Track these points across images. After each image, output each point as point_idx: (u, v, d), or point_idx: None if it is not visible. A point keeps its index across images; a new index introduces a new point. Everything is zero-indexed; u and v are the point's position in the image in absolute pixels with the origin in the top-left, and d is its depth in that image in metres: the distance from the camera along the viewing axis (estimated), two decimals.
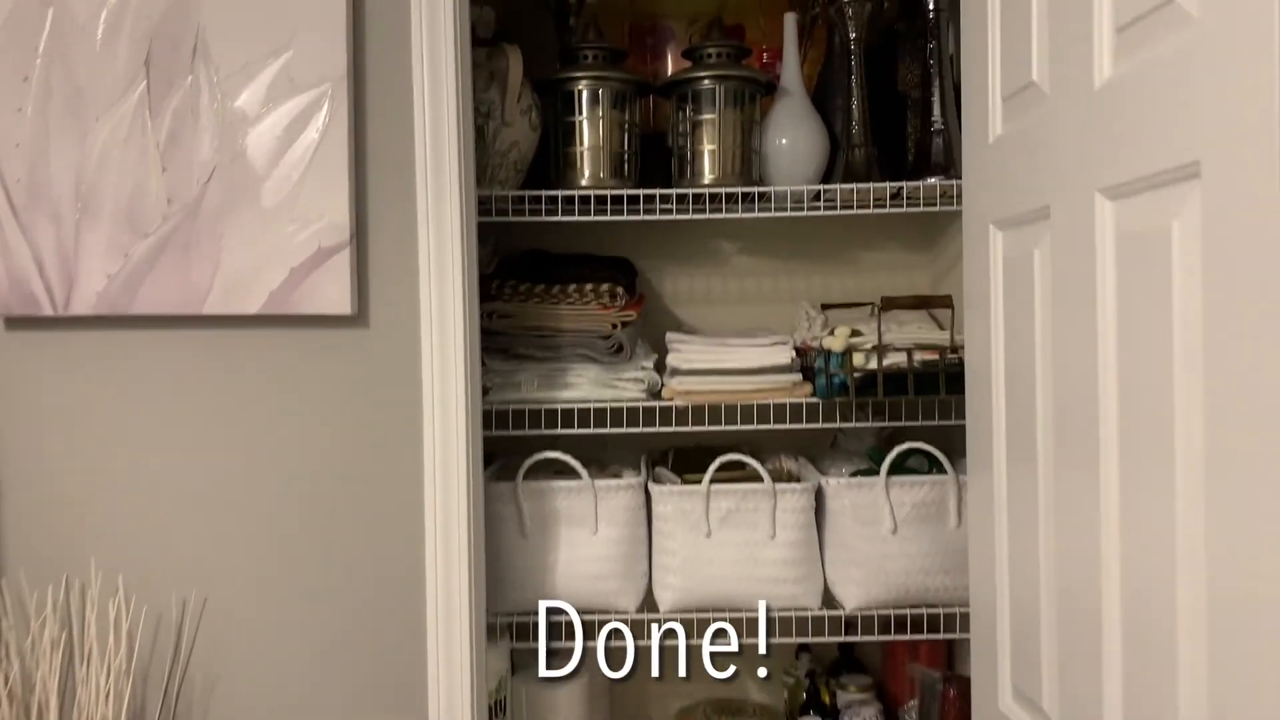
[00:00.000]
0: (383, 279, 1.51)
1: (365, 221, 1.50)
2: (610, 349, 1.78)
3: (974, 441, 1.52)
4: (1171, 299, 0.94)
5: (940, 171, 1.77)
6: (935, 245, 2.12)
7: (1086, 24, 1.08)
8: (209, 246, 1.47)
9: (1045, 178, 1.21)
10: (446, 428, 1.50)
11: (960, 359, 1.69)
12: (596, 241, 2.13)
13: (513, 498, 1.74)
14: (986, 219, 1.41)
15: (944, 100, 1.80)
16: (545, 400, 1.78)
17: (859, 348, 1.71)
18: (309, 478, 1.51)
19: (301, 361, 1.50)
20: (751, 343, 1.78)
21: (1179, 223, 0.93)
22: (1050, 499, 1.23)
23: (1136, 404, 1.01)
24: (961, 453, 1.81)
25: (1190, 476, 0.91)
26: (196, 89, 1.46)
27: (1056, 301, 1.19)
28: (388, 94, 1.50)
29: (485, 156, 1.74)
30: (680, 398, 1.77)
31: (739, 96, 1.79)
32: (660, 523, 1.76)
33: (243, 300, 1.47)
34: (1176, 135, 0.92)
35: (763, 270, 2.18)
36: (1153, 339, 0.97)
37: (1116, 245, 1.05)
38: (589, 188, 1.78)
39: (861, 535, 1.72)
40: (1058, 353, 1.19)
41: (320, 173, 1.46)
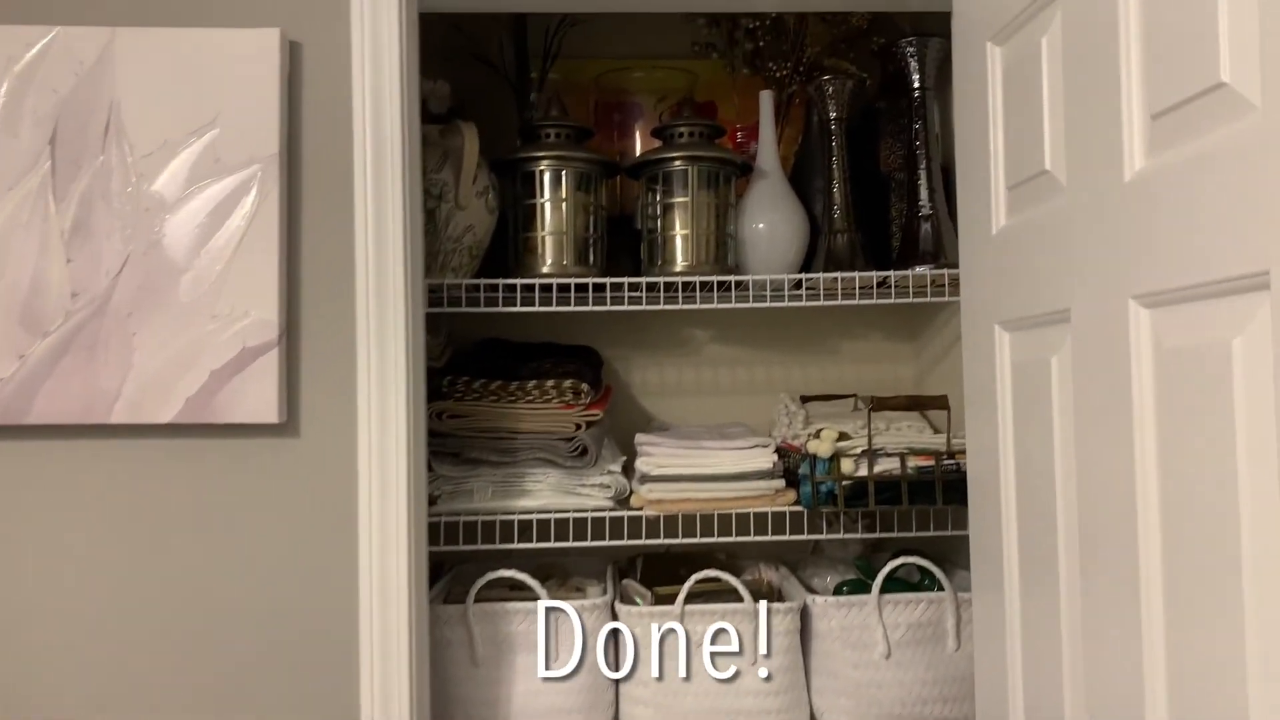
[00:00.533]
0: (316, 382, 1.34)
1: (297, 318, 1.34)
2: (573, 452, 1.61)
3: (980, 558, 1.36)
4: (1234, 424, 0.80)
5: (929, 259, 1.64)
6: (921, 335, 1.99)
7: (1113, 109, 0.96)
8: (118, 347, 1.29)
9: (1064, 278, 1.07)
10: (385, 548, 1.33)
11: (958, 465, 1.54)
12: (560, 328, 1.98)
13: (462, 621, 1.56)
14: (991, 319, 1.27)
15: (931, 183, 1.68)
16: (500, 510, 1.60)
17: (847, 453, 1.55)
18: (229, 606, 1.32)
19: (221, 476, 1.32)
20: (729, 445, 1.62)
21: (1243, 340, 0.79)
22: (1077, 624, 1.08)
23: (1188, 530, 0.87)
24: (955, 564, 1.66)
25: (1265, 607, 0.77)
26: (108, 171, 1.30)
27: (1081, 413, 1.05)
28: (326, 175, 1.35)
29: (437, 242, 1.59)
30: (651, 507, 1.60)
31: (712, 178, 1.66)
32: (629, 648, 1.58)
33: (156, 408, 1.29)
34: (1238, 239, 0.78)
35: (738, 359, 2.03)
36: (1208, 462, 0.83)
37: (1157, 360, 0.91)
38: (550, 275, 1.63)
39: (851, 660, 1.55)
40: (1084, 468, 1.05)
41: (247, 264, 1.30)
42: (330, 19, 1.35)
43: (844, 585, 1.68)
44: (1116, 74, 0.95)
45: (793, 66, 1.79)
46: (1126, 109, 0.94)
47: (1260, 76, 0.77)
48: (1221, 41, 0.81)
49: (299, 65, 1.35)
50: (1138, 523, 0.94)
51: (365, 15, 1.34)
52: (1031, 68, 1.14)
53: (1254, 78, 0.78)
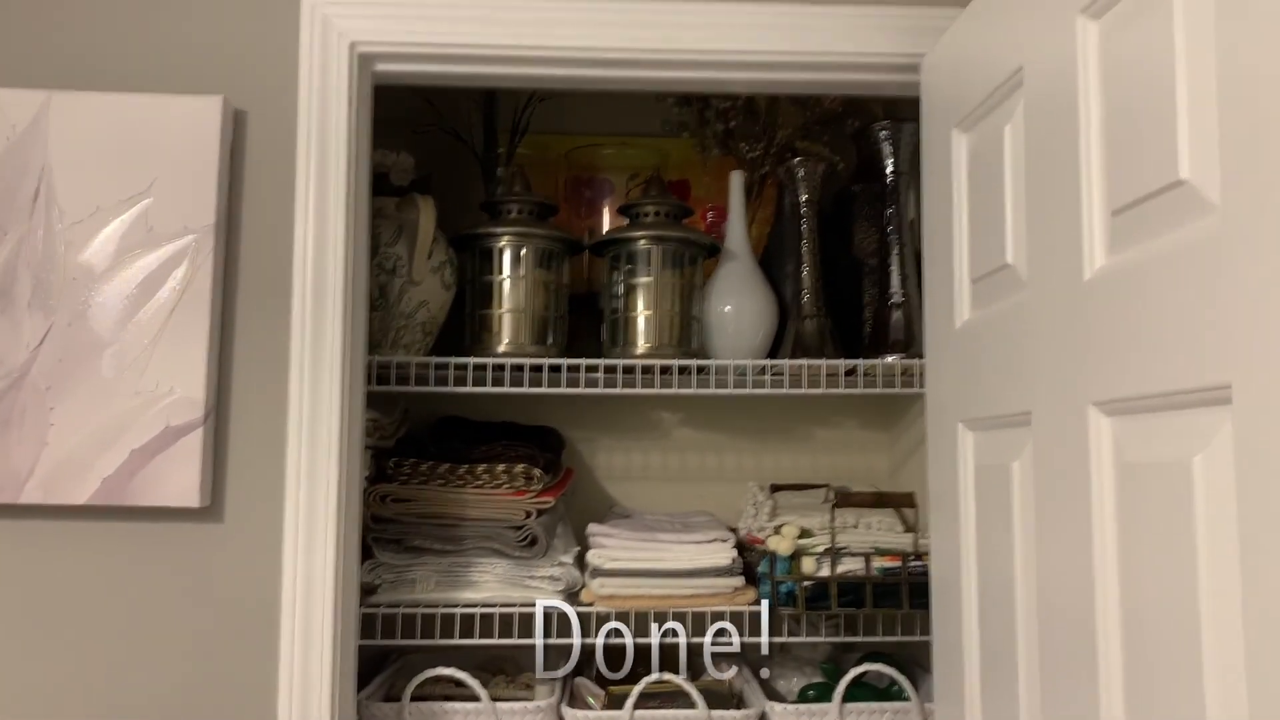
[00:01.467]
0: (243, 464, 1.27)
1: (226, 396, 1.27)
2: (522, 541, 1.53)
3: (941, 663, 1.28)
4: (1195, 542, 0.73)
5: (900, 348, 1.58)
6: (896, 424, 1.92)
7: (1074, 202, 0.90)
8: (34, 422, 1.23)
9: (1024, 378, 1.01)
10: (309, 643, 1.24)
11: (925, 566, 1.46)
12: (523, 408, 1.91)
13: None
14: (955, 417, 1.21)
15: (904, 270, 1.62)
16: (443, 602, 1.51)
17: (809, 551, 1.47)
18: (140, 695, 1.23)
19: (138, 562, 1.25)
20: (686, 539, 1.54)
21: (1203, 459, 0.72)
22: None
23: (1148, 644, 0.80)
24: (926, 669, 1.56)
25: None
26: (34, 238, 1.24)
27: (1042, 520, 0.98)
28: (265, 247, 1.30)
29: (389, 317, 1.53)
30: (601, 603, 1.51)
31: (678, 258, 1.61)
32: None
33: (70, 488, 1.22)
34: (1198, 349, 0.72)
35: (706, 445, 1.96)
36: (1169, 579, 0.76)
37: (1118, 472, 0.85)
38: (506, 355, 1.56)
39: None
40: (1044, 573, 0.98)
41: (175, 338, 1.24)
42: (278, 87, 1.31)
43: (810, 689, 1.58)
44: (1077, 166, 0.90)
45: (765, 148, 1.75)
46: (1087, 203, 0.89)
47: (1220, 174, 0.71)
48: (1180, 136, 0.76)
49: (242, 133, 1.30)
50: (1097, 635, 0.87)
51: (314, 85, 1.31)
52: (994, 157, 1.10)
53: (1213, 175, 0.72)
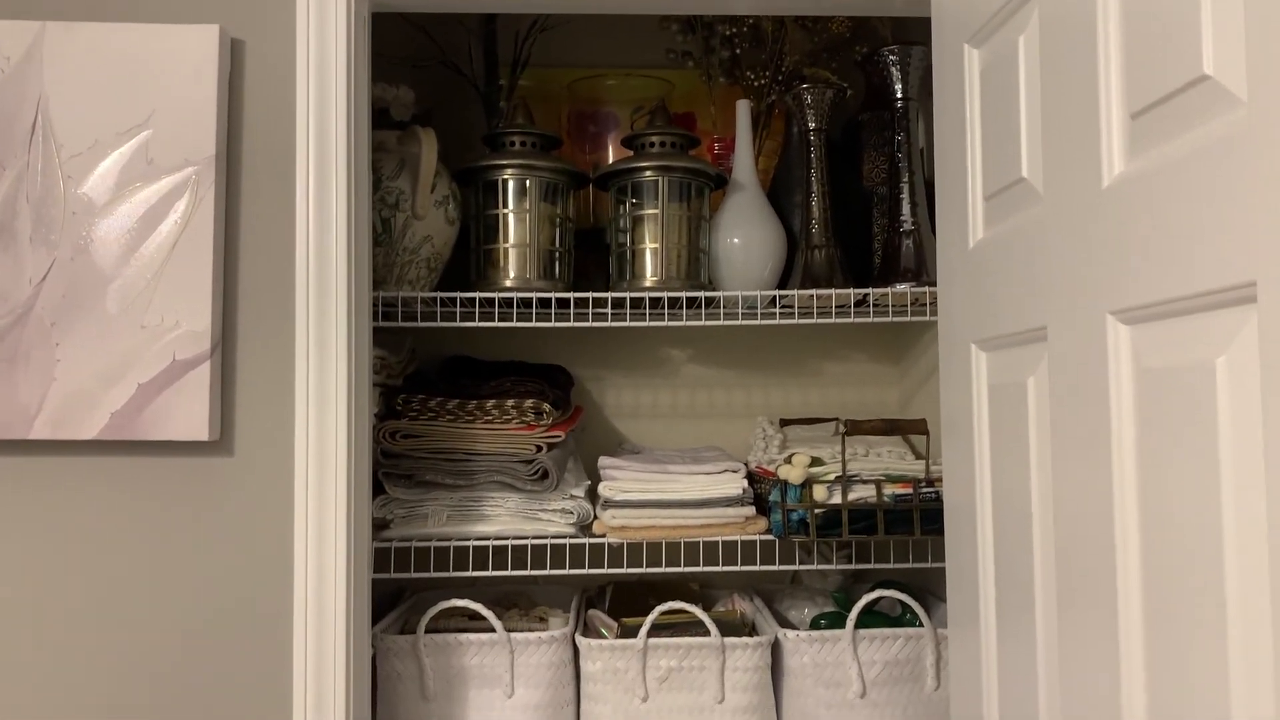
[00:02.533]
0: (251, 398, 1.26)
1: (233, 330, 1.26)
2: (533, 475, 1.53)
3: (955, 590, 1.28)
4: (1218, 450, 0.72)
5: (910, 277, 1.56)
6: (906, 356, 1.91)
7: (1091, 108, 0.88)
8: (40, 358, 1.22)
9: (1040, 293, 0.99)
10: (322, 575, 1.25)
11: (937, 493, 1.46)
12: (531, 347, 1.91)
13: (413, 653, 1.47)
14: (967, 338, 1.19)
15: (914, 198, 1.60)
16: (456, 536, 1.52)
17: (820, 479, 1.47)
18: (155, 631, 1.24)
19: (149, 497, 1.25)
20: (697, 470, 1.54)
21: (1226, 360, 0.71)
22: (1053, 660, 1.00)
23: (1169, 561, 0.78)
24: (939, 597, 1.57)
25: (1249, 645, 0.69)
26: (34, 172, 1.23)
27: (1058, 437, 0.97)
28: (267, 180, 1.28)
29: (393, 253, 1.51)
30: (613, 534, 1.52)
31: (685, 190, 1.59)
32: (589, 684, 1.49)
33: (79, 423, 1.22)
34: (1221, 248, 0.70)
35: (715, 381, 1.95)
36: (1190, 491, 0.75)
37: (1136, 381, 0.83)
38: (513, 289, 1.55)
39: (824, 700, 1.46)
40: (1061, 494, 0.96)
41: (179, 271, 1.23)
42: (275, 16, 1.29)
43: (821, 619, 1.59)
44: (1095, 70, 0.88)
45: (771, 75, 1.72)
46: (1105, 108, 0.86)
47: (1246, 68, 0.69)
48: (1204, 30, 0.73)
49: (240, 64, 1.28)
50: (1116, 553, 0.85)
51: (311, 12, 1.28)
52: (1009, 70, 1.07)
53: (1239, 69, 0.70)
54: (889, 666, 1.47)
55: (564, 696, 1.50)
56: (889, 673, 1.47)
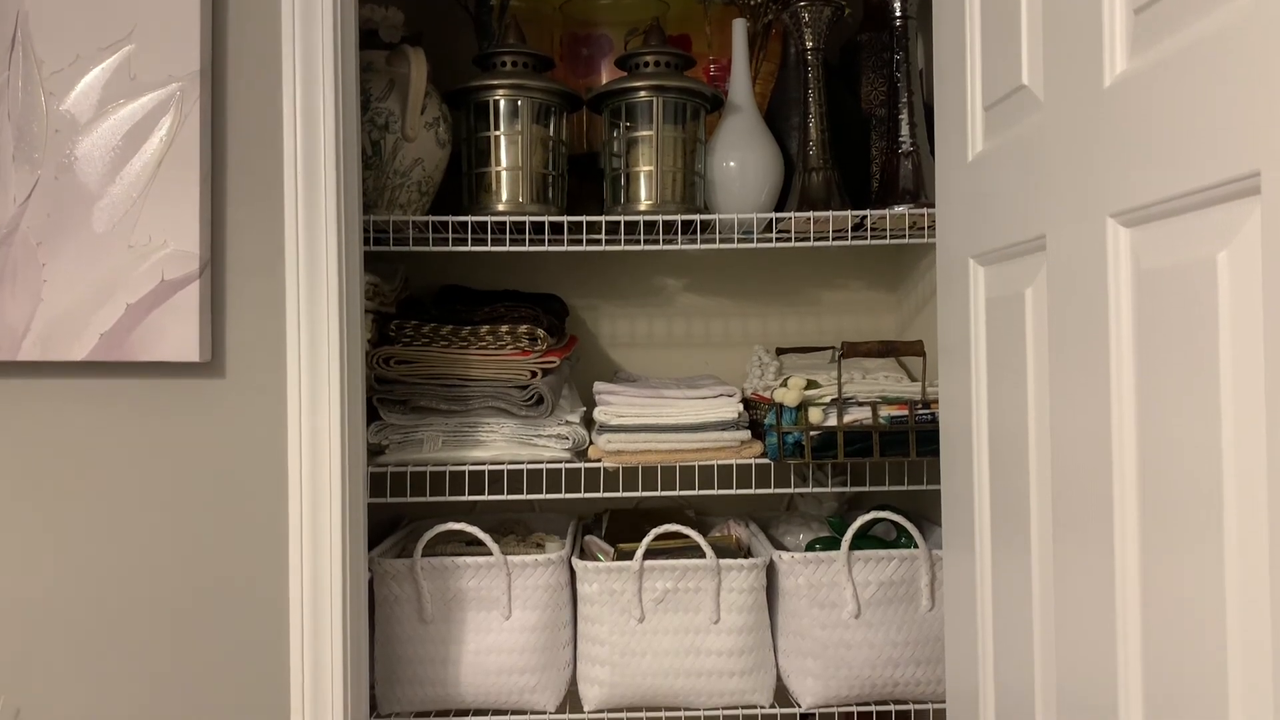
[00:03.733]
0: (242, 319, 1.25)
1: (221, 250, 1.25)
2: (528, 401, 1.52)
3: (951, 512, 1.28)
4: (1218, 352, 0.71)
5: (909, 198, 1.55)
6: (903, 283, 1.89)
7: (1093, 8, 0.86)
8: (27, 279, 1.21)
9: (1039, 202, 0.98)
10: (317, 496, 1.24)
11: (933, 415, 1.46)
12: (524, 275, 1.89)
13: (410, 577, 1.48)
14: (965, 253, 1.18)
15: (913, 119, 1.58)
16: (451, 461, 1.52)
17: (815, 401, 1.47)
18: (148, 558, 1.24)
19: (141, 417, 1.24)
20: (692, 395, 1.53)
21: (1228, 254, 0.70)
22: (1048, 580, 1.00)
23: (1166, 471, 0.78)
24: (934, 519, 1.58)
25: (1246, 556, 0.68)
26: (14, 88, 1.20)
27: (1055, 350, 0.96)
28: (253, 97, 1.25)
29: (383, 176, 1.49)
30: (608, 459, 1.51)
31: (680, 111, 1.56)
32: (586, 605, 1.50)
33: (68, 345, 1.21)
34: (1224, 139, 0.69)
35: (711, 310, 1.94)
36: (1189, 396, 0.74)
37: (1136, 283, 0.82)
38: (506, 214, 1.53)
39: (819, 620, 1.47)
40: (1058, 409, 0.96)
41: (166, 190, 1.21)
42: None
43: (816, 543, 1.59)
44: None
45: None
46: (1108, 5, 0.84)
47: None
48: None
49: None
50: (1113, 467, 0.85)
51: None
52: None
53: None
54: (883, 587, 1.48)
55: (561, 618, 1.51)
56: (883, 593, 1.48)
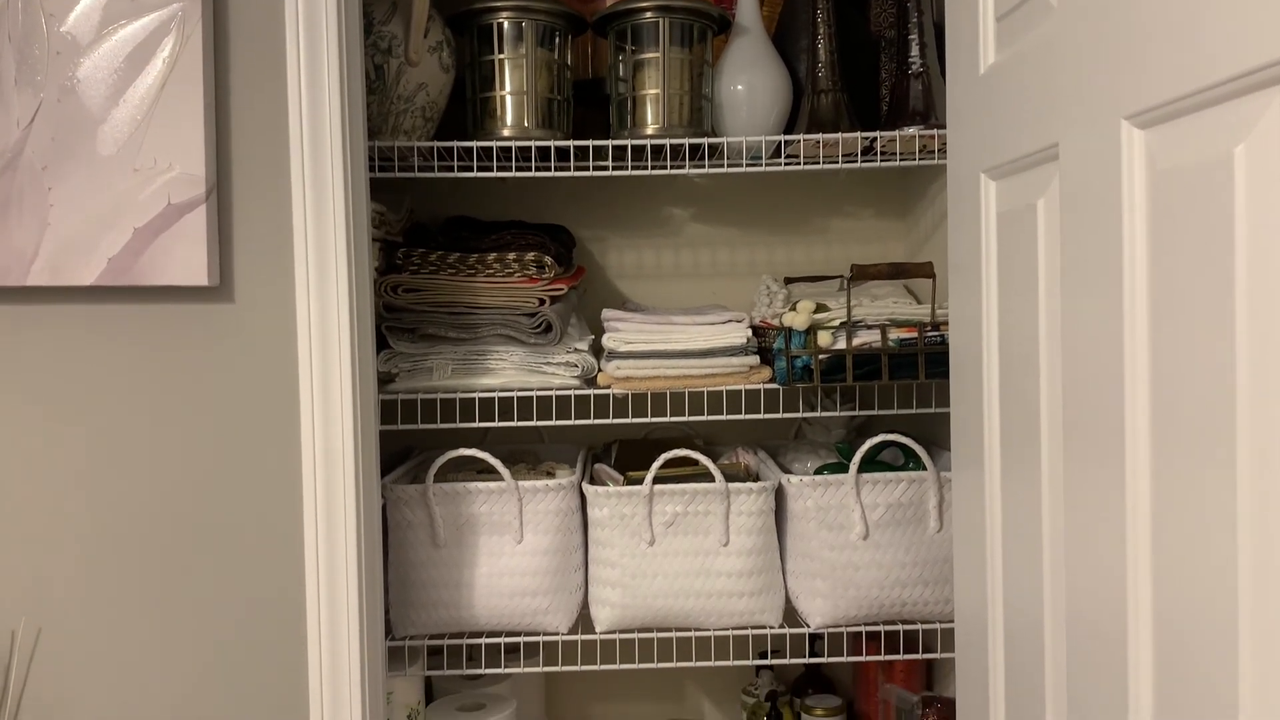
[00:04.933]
0: (251, 243, 1.25)
1: (228, 174, 1.24)
2: (536, 328, 1.52)
3: (960, 432, 1.28)
4: (1234, 250, 0.70)
5: (919, 119, 1.53)
6: (912, 211, 1.88)
7: None
8: (34, 204, 1.20)
9: (1052, 110, 0.97)
10: (329, 422, 1.25)
11: (942, 337, 1.46)
12: (531, 208, 1.88)
13: (423, 502, 1.49)
14: (976, 168, 1.17)
15: (923, 39, 1.55)
16: (461, 389, 1.52)
17: (825, 325, 1.46)
18: (161, 483, 1.25)
19: (150, 343, 1.24)
20: (700, 320, 1.53)
21: (1245, 148, 0.69)
22: (1058, 499, 1.00)
23: (1180, 384, 0.78)
24: (942, 445, 1.58)
25: (1260, 475, 0.68)
26: (14, 9, 1.19)
27: (1067, 261, 0.95)
28: (255, 18, 1.24)
29: (386, 101, 1.48)
30: (617, 385, 1.52)
31: (686, 33, 1.54)
32: (596, 529, 1.51)
33: (77, 269, 1.21)
34: (1243, 31, 0.68)
35: (719, 240, 1.93)
36: (1203, 301, 0.74)
37: (1150, 186, 0.81)
38: (512, 139, 1.52)
39: (828, 542, 1.49)
40: (1069, 324, 0.96)
41: (170, 112, 1.20)
42: None
43: (824, 469, 1.60)
44: None
45: None
46: None
47: None
48: None
49: None
50: (1125, 383, 0.84)
51: None
52: None
53: None
54: (891, 509, 1.49)
55: (572, 542, 1.52)
56: (891, 515, 1.49)
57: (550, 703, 1.91)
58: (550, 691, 1.91)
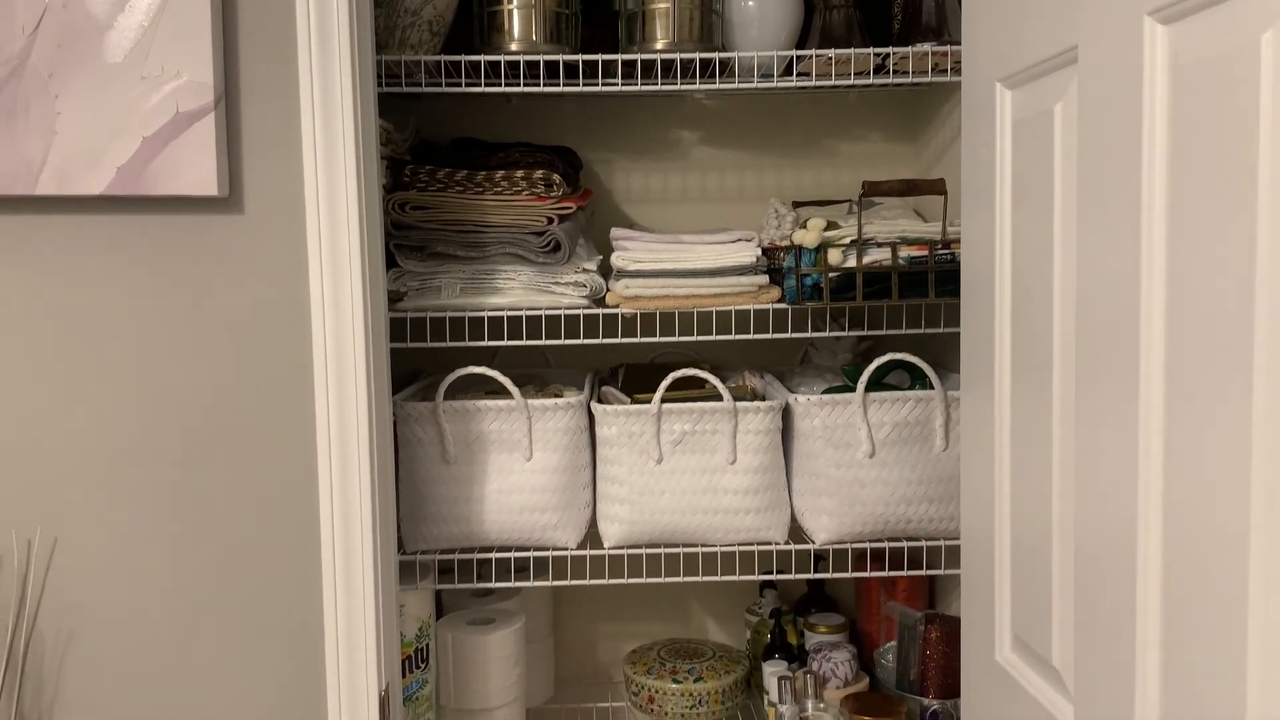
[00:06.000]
0: (260, 154, 1.24)
1: (236, 83, 1.23)
2: (545, 247, 1.52)
3: (970, 350, 1.28)
4: (1257, 145, 0.70)
5: (932, 36, 1.51)
6: (922, 134, 1.86)
7: None
8: (40, 112, 1.19)
9: (1071, 11, 0.95)
10: (341, 335, 1.25)
11: (953, 255, 1.45)
12: (537, 130, 1.87)
13: (433, 419, 1.50)
14: (992, 76, 1.16)
15: None
16: (470, 307, 1.52)
17: (835, 242, 1.46)
18: (172, 395, 1.26)
19: (161, 254, 1.24)
20: (710, 239, 1.53)
21: (1273, 33, 0.68)
22: (1069, 417, 1.00)
23: (1196, 298, 0.77)
24: (949, 367, 1.59)
25: (1278, 394, 0.69)
26: None
27: (1084, 168, 0.95)
28: None
29: (393, 14, 1.46)
30: (626, 304, 1.52)
31: None
32: (605, 448, 1.53)
33: (85, 178, 1.20)
34: None
35: (727, 163, 1.92)
36: (1225, 206, 0.73)
37: (1172, 82, 0.81)
38: (519, 53, 1.50)
39: (834, 460, 1.50)
40: (1084, 236, 0.95)
41: (177, 19, 1.19)
42: None
43: (831, 391, 1.61)
44: None
45: None
46: None
47: None
48: None
49: None
50: (1140, 300, 0.83)
51: None
52: None
53: None
54: (898, 428, 1.50)
55: (581, 460, 1.54)
56: (898, 434, 1.50)
57: (557, 623, 1.94)
58: (557, 611, 1.94)
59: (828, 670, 1.68)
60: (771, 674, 1.67)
